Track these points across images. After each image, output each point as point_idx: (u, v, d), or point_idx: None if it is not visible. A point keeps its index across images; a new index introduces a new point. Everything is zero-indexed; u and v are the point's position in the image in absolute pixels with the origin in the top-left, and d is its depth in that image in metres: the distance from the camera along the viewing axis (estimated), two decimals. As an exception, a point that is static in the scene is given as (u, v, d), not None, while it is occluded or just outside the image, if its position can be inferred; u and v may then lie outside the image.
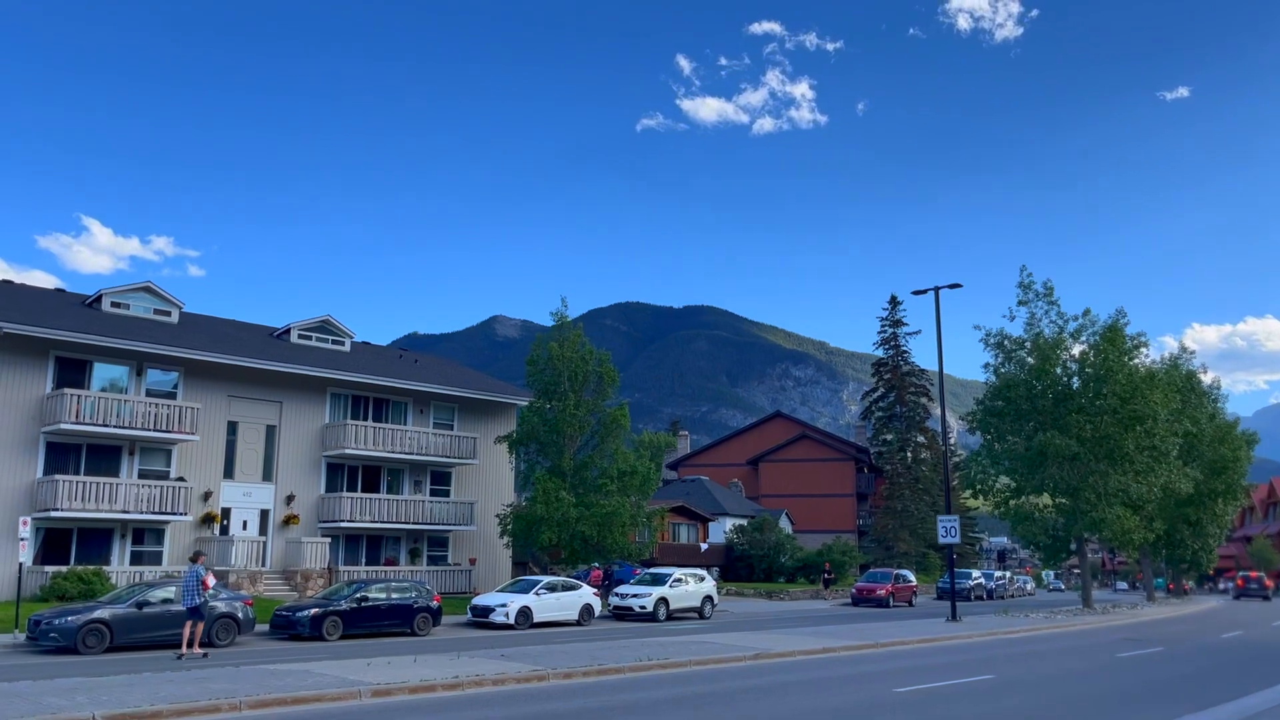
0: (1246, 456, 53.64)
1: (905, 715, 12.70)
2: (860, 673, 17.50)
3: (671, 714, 12.48)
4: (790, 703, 13.67)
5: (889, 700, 14.08)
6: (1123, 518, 36.87)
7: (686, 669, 17.56)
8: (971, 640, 25.11)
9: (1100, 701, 14.26)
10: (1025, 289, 39.39)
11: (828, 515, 73.04)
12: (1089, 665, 19.43)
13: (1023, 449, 38.14)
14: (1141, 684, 16.54)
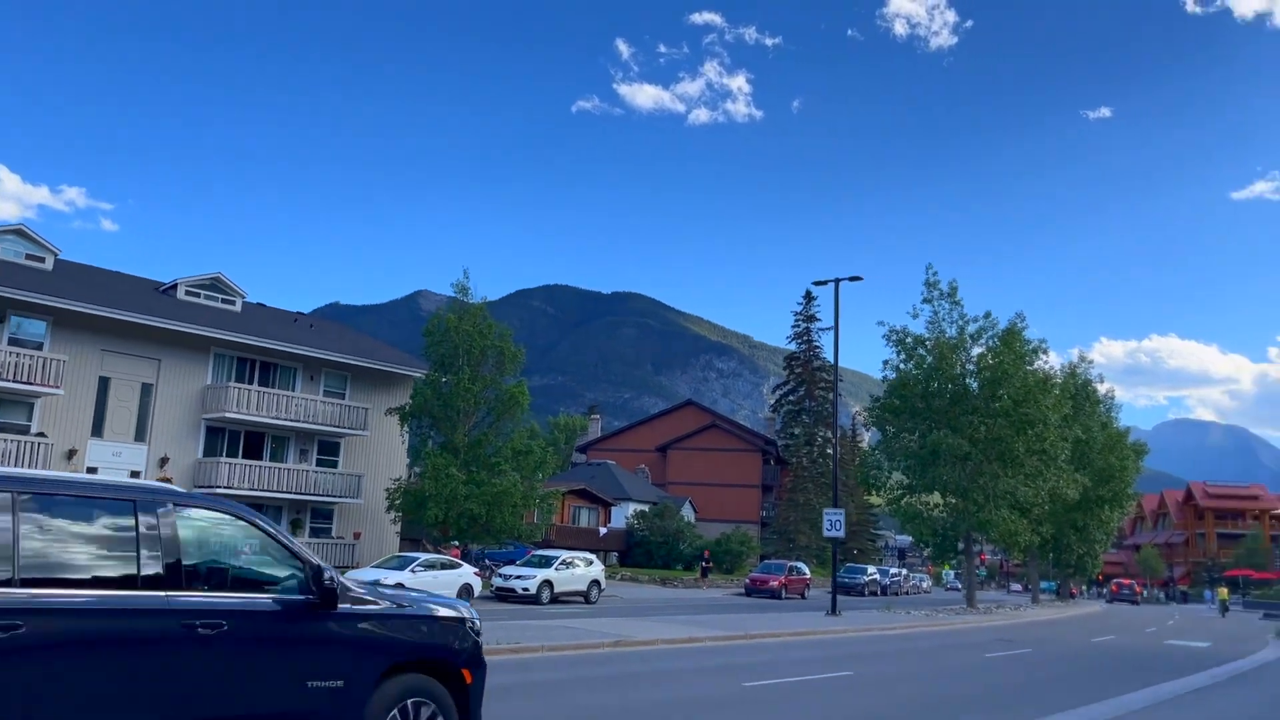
0: (1135, 466, 55.06)
1: (743, 711, 12.23)
2: (718, 664, 17.07)
3: (491, 704, 11.79)
4: (629, 694, 13.11)
5: (734, 695, 13.61)
6: (1009, 520, 37.35)
7: (537, 654, 16.90)
8: (845, 635, 24.97)
9: (948, 702, 14.00)
10: (930, 287, 39.62)
11: (732, 505, 73.15)
12: (952, 665, 19.31)
13: (916, 447, 38.39)
14: (997, 686, 16.39)
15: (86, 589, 5.11)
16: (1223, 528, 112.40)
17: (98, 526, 5.29)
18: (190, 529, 5.69)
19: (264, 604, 5.88)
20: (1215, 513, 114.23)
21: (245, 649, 5.67)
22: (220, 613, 5.54)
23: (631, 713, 11.59)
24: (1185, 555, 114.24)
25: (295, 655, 5.97)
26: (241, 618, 5.67)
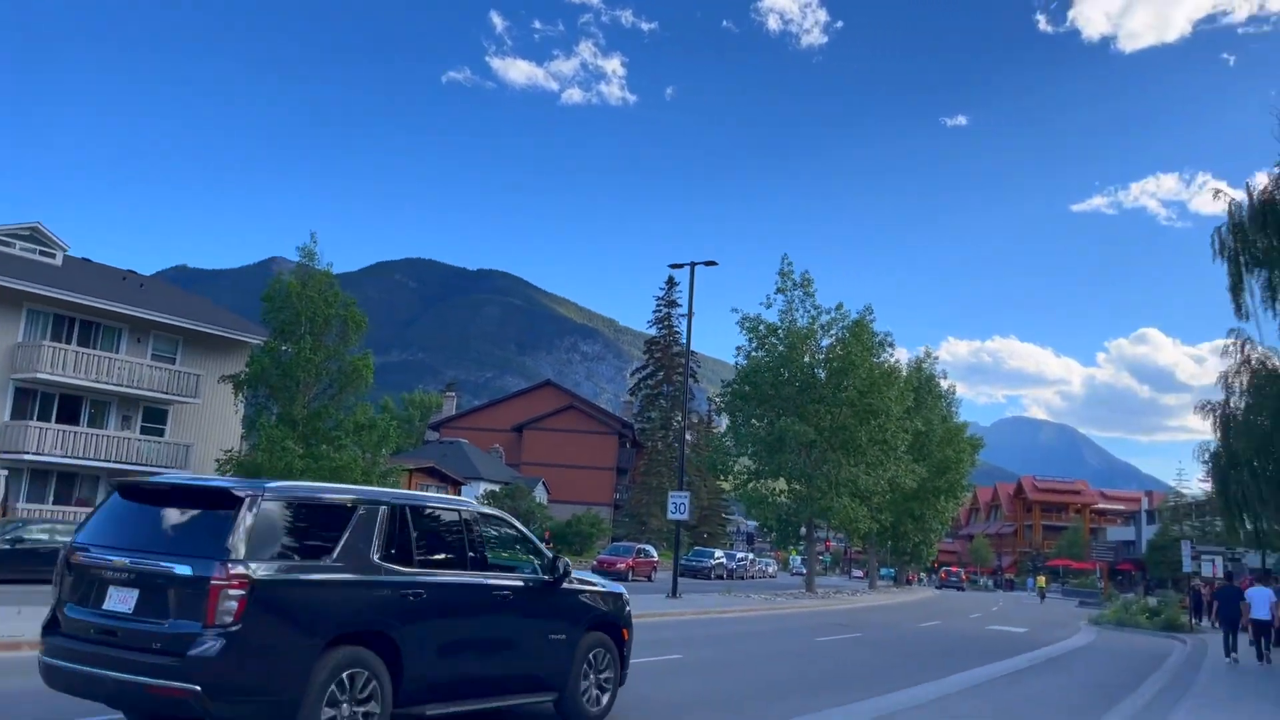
0: (970, 459, 57.48)
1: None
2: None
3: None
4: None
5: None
6: (850, 507, 38.29)
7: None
8: (682, 618, 24.95)
9: (774, 686, 13.94)
10: (784, 277, 40.13)
11: (586, 487, 72.98)
12: (782, 648, 19.42)
13: (765, 433, 38.89)
14: (824, 670, 16.51)
15: (445, 569, 8.14)
16: (1048, 520, 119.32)
17: (446, 531, 8.41)
18: (487, 531, 8.96)
19: (525, 581, 8.96)
20: (1042, 506, 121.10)
21: (519, 610, 8.76)
22: (504, 585, 8.66)
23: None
24: (1014, 545, 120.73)
25: (541, 615, 9.06)
26: (514, 589, 8.75)
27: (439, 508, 8.58)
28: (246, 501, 6.90)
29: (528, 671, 8.93)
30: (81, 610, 7.02)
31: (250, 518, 6.84)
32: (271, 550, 6.91)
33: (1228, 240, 25.31)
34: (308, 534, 7.26)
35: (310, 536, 7.26)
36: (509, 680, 8.74)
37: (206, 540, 6.75)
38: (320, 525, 7.36)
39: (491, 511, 9.32)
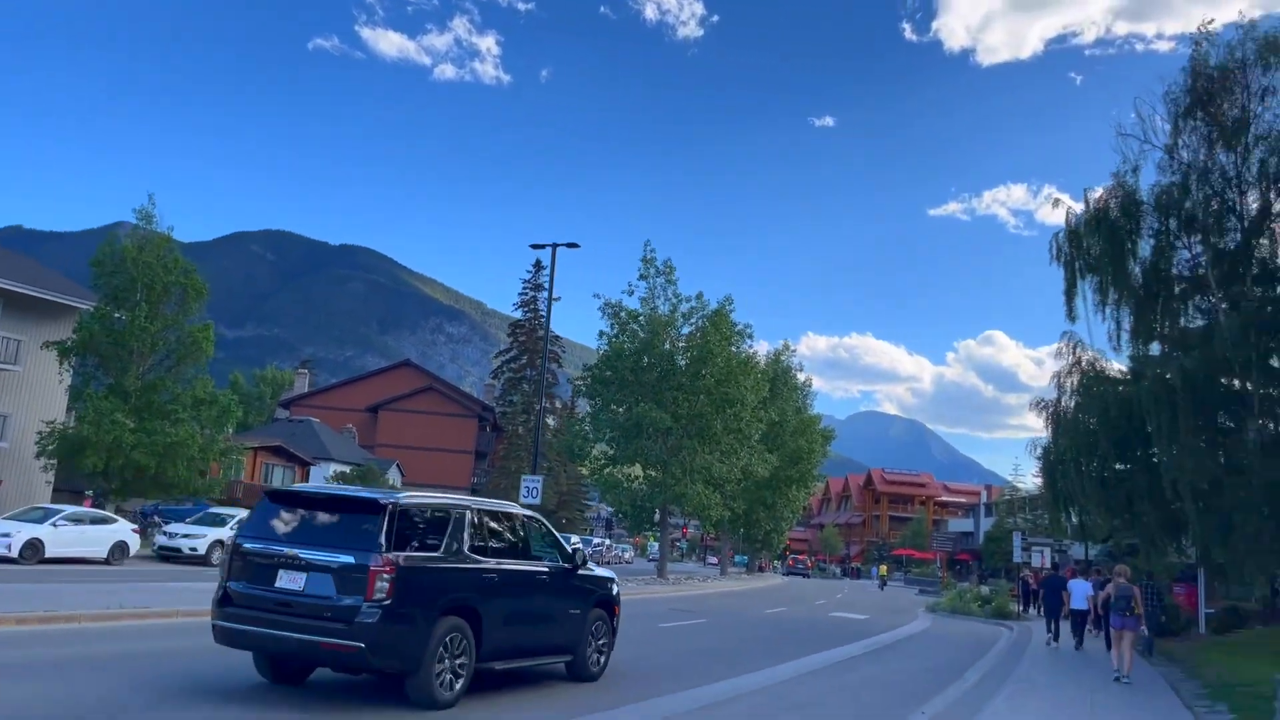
0: (822, 450, 58.97)
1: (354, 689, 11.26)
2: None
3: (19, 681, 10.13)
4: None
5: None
6: (703, 494, 38.66)
7: (172, 620, 15.11)
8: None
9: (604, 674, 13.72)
10: (647, 264, 40.15)
11: (443, 470, 71.57)
12: (623, 635, 19.22)
13: (623, 419, 38.86)
14: (660, 657, 16.41)
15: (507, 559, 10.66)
16: (895, 511, 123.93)
17: (505, 529, 10.95)
18: (530, 528, 11.48)
19: (553, 568, 11.46)
20: (890, 497, 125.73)
21: (551, 590, 11.33)
22: (542, 571, 11.22)
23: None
24: (862, 534, 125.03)
25: (565, 595, 11.60)
26: (548, 574, 11.30)
27: (502, 512, 11.30)
28: (389, 508, 9.40)
29: (555, 638, 11.62)
30: (253, 588, 9.35)
31: (391, 521, 9.32)
32: (405, 545, 9.39)
33: (1064, 246, 26.46)
34: (425, 533, 9.81)
35: (427, 535, 9.81)
36: (544, 645, 11.52)
37: (362, 537, 9.18)
38: (432, 526, 9.94)
39: (532, 514, 12.05)
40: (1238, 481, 22.49)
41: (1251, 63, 23.42)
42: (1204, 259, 24.60)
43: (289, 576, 9.23)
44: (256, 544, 9.58)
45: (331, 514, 9.70)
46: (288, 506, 9.90)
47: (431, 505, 10.14)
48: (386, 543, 9.13)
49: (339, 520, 9.58)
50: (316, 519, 9.71)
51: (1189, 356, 23.06)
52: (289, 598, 9.13)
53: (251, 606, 9.29)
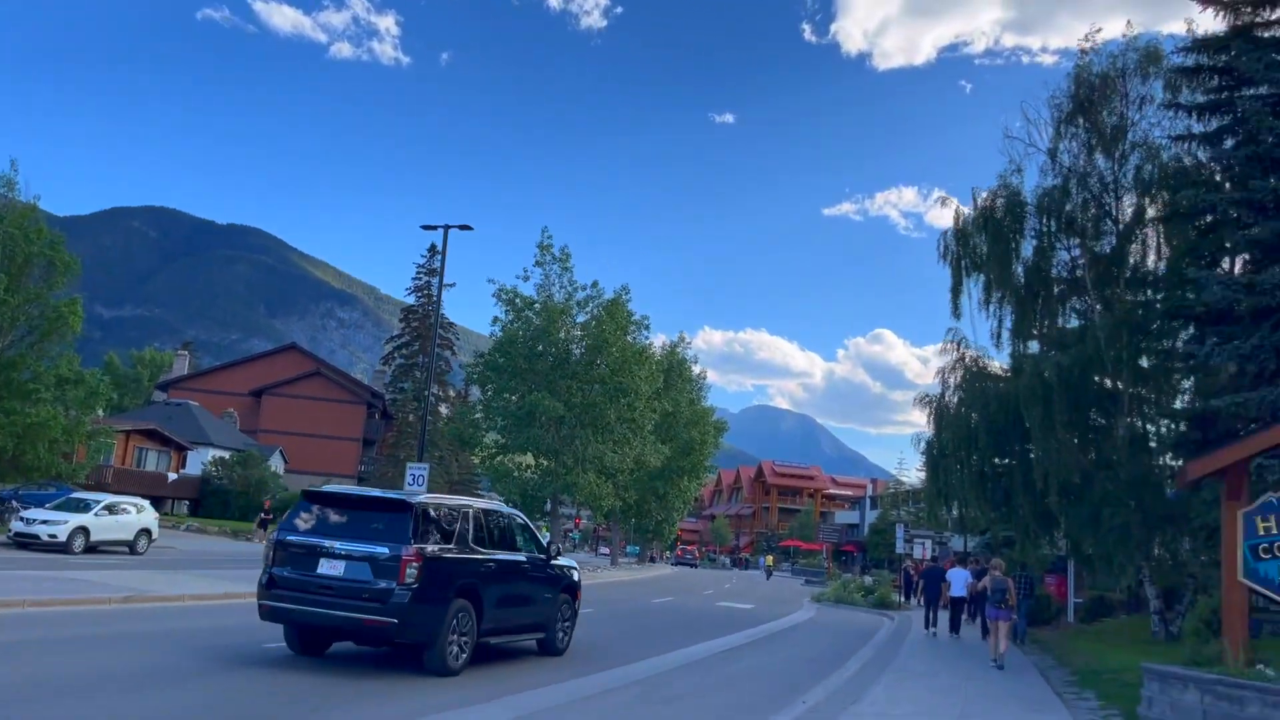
0: (714, 442, 59.45)
1: (212, 682, 10.66)
2: (245, 624, 15.22)
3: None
4: (92, 660, 11.02)
5: (244, 658, 11.97)
6: (595, 483, 38.42)
7: (20, 609, 14.10)
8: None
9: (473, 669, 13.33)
10: (544, 250, 39.61)
11: (329, 458, 69.65)
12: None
13: (514, 407, 38.31)
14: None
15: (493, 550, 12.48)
16: (785, 503, 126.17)
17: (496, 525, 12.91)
18: (515, 524, 13.59)
19: (531, 558, 13.54)
20: (780, 489, 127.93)
21: (531, 577, 13.36)
22: (524, 560, 13.28)
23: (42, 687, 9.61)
24: (752, 526, 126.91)
25: (540, 580, 13.61)
26: (529, 563, 13.37)
27: (494, 510, 13.50)
28: (415, 507, 11.33)
29: (534, 618, 13.65)
30: (296, 573, 11.13)
31: (417, 518, 11.23)
32: (427, 539, 11.28)
33: (952, 245, 27.01)
34: (441, 528, 11.70)
35: (442, 529, 11.70)
36: (526, 624, 13.54)
37: (393, 532, 11.04)
38: (445, 522, 11.83)
39: (516, 513, 14.45)
40: (1108, 476, 23.32)
41: (1131, 72, 24.28)
42: (1082, 261, 25.42)
43: (329, 564, 11.08)
44: (297, 537, 11.47)
45: (365, 511, 11.63)
46: (324, 505, 11.81)
47: (445, 505, 12.31)
48: (414, 537, 11.06)
49: (372, 517, 11.48)
50: (351, 516, 11.58)
51: (1065, 355, 23.79)
52: (330, 582, 10.99)
53: (295, 589, 11.10)
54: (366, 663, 12.09)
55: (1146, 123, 24.26)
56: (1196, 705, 10.47)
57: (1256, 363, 17.17)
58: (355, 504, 11.80)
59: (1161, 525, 22.70)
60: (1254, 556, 11.75)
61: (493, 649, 13.15)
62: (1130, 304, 24.52)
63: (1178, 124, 22.96)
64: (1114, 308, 24.19)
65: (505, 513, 13.84)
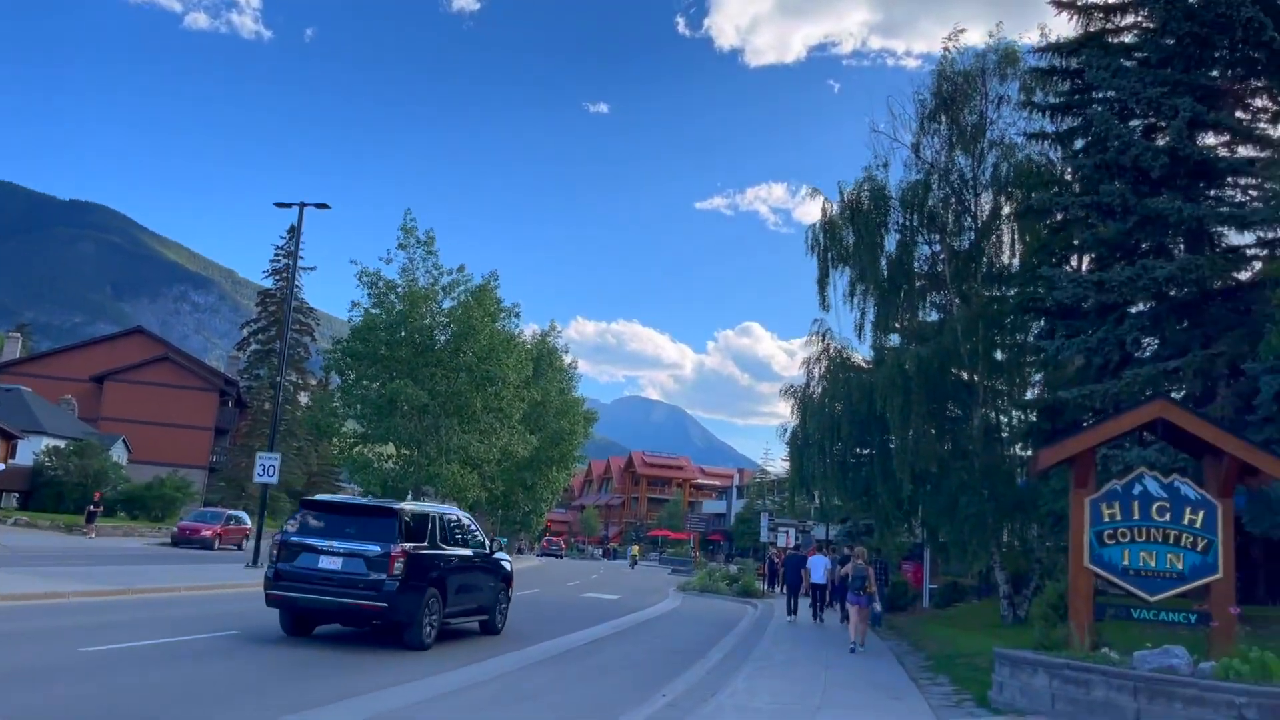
0: (584, 432, 59.01)
1: (54, 683, 9.65)
2: (68, 625, 13.99)
3: None
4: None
5: (63, 663, 10.90)
6: (459, 474, 37.43)
7: None
8: (257, 589, 22.64)
9: (293, 667, 12.55)
10: (407, 233, 38.24)
11: (178, 447, 66.17)
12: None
13: (375, 395, 36.95)
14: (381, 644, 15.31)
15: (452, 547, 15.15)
16: (654, 493, 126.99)
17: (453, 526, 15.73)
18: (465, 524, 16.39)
19: (478, 553, 16.20)
20: (649, 479, 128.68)
21: (479, 569, 16.07)
22: (473, 554, 15.99)
23: None
24: (621, 516, 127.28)
25: (487, 572, 16.37)
26: (476, 557, 16.04)
27: (452, 514, 16.10)
28: (399, 513, 13.88)
29: (481, 602, 16.20)
30: (299, 568, 13.43)
31: (400, 522, 13.71)
32: (409, 538, 13.71)
33: (819, 237, 27.27)
34: (418, 530, 14.14)
35: (418, 531, 14.16)
36: (476, 608, 16.08)
37: (382, 533, 13.47)
38: (419, 525, 14.29)
39: (464, 515, 16.96)
40: (963, 465, 23.97)
41: (991, 72, 24.94)
42: (942, 256, 26.04)
43: (328, 560, 13.43)
44: (299, 538, 13.78)
45: (357, 517, 14.03)
46: (321, 511, 14.39)
47: (418, 511, 14.80)
48: (399, 537, 13.53)
49: (364, 522, 13.86)
50: (345, 521, 13.94)
51: (924, 347, 24.32)
52: (330, 574, 13.35)
53: (299, 580, 13.43)
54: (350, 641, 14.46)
55: (1004, 122, 24.99)
56: (1045, 689, 10.62)
57: (1102, 355, 17.81)
58: (349, 511, 14.35)
59: (1012, 513, 23.48)
60: (1099, 542, 12.05)
61: (451, 629, 15.60)
62: (986, 299, 25.22)
63: (1033, 124, 23.76)
64: (971, 302, 24.84)
65: (457, 515, 16.40)
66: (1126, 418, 12.21)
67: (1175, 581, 11.77)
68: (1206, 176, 17.65)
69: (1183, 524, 11.82)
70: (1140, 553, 11.90)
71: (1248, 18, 15.54)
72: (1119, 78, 19.30)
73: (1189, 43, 17.01)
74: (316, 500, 15.32)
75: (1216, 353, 16.28)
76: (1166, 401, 12.00)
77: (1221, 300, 17.58)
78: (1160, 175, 16.76)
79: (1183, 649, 10.15)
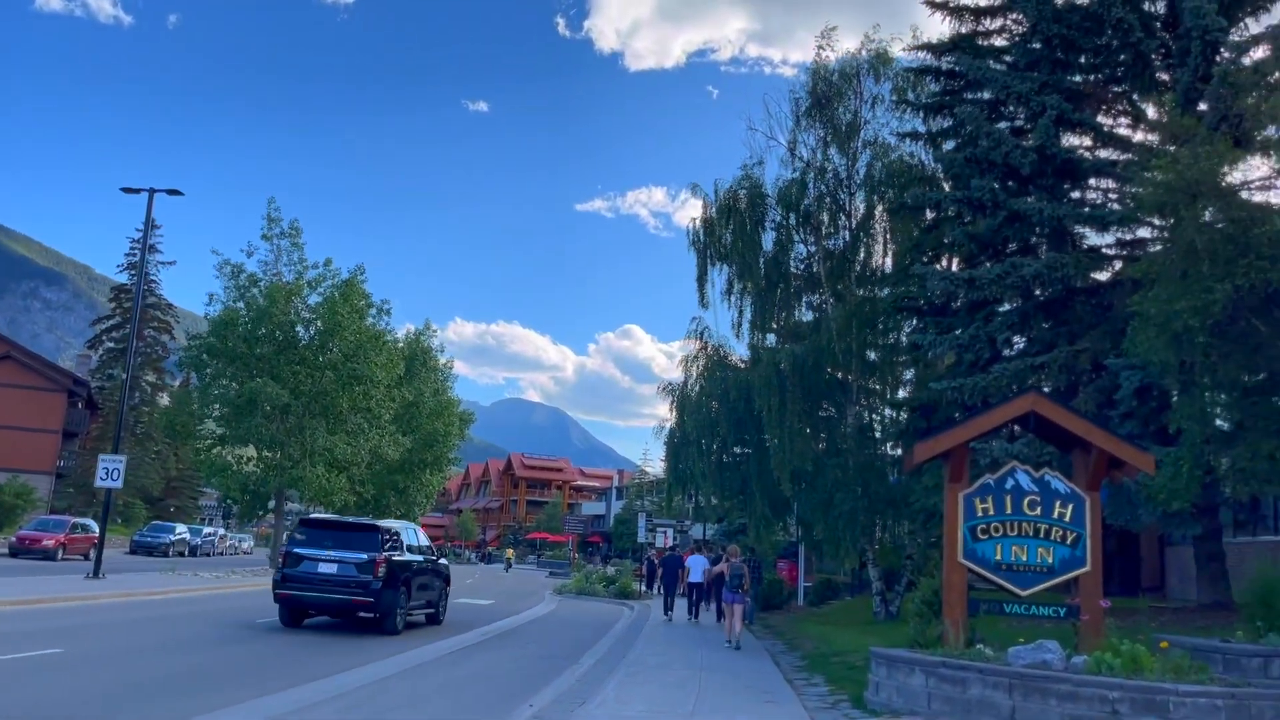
0: (459, 433, 57.33)
1: None
2: None
3: None
4: None
5: None
6: (324, 477, 35.78)
7: None
8: (95, 602, 20.96)
9: (170, 682, 11.43)
10: (271, 223, 36.39)
11: (21, 452, 61.69)
12: (201, 635, 16.68)
13: (234, 395, 34.99)
14: (225, 661, 14.18)
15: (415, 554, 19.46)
16: (533, 496, 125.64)
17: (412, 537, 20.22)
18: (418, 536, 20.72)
19: (427, 558, 20.27)
20: (528, 481, 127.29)
21: (429, 570, 20.19)
22: (423, 561, 19.73)
23: None
24: (500, 519, 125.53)
25: (435, 575, 20.73)
26: (426, 561, 19.99)
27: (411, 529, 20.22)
28: (381, 529, 18.04)
29: (430, 598, 19.97)
30: (302, 572, 17.16)
31: (382, 536, 17.75)
32: (389, 549, 17.68)
33: (699, 234, 27.10)
34: (394, 542, 18.22)
35: (395, 542, 18.22)
36: (428, 602, 19.85)
37: (368, 545, 17.33)
38: (395, 537, 18.42)
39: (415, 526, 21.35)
40: (837, 463, 24.05)
41: (865, 72, 25.14)
42: (818, 255, 26.13)
43: (324, 566, 16.93)
44: (301, 549, 17.29)
45: (347, 532, 17.76)
46: (317, 528, 18.10)
47: (391, 527, 18.73)
48: (381, 548, 17.28)
49: (352, 535, 17.61)
50: (338, 535, 17.63)
51: (800, 345, 24.33)
52: (328, 577, 16.89)
53: (302, 582, 17.03)
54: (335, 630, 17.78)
55: (878, 122, 25.25)
56: (922, 688, 10.39)
57: (973, 352, 17.98)
58: (340, 527, 18.19)
59: (885, 510, 23.66)
60: (973, 537, 11.94)
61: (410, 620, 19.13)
62: (860, 298, 25.43)
63: (906, 124, 24.00)
64: (846, 301, 24.98)
65: (414, 529, 20.78)
66: (998, 411, 12.14)
67: (1046, 575, 11.73)
68: (1073, 176, 18.01)
69: (1053, 518, 11.80)
70: (1012, 547, 11.83)
71: (1118, 18, 15.82)
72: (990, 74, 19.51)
73: (1057, 45, 17.30)
74: (314, 519, 19.47)
75: (1080, 349, 16.57)
76: (1038, 395, 11.99)
77: (1085, 299, 17.96)
78: (1029, 172, 17.00)
79: (1056, 644, 10.05)
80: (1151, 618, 15.08)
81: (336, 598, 16.95)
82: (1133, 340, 13.12)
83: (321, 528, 18.04)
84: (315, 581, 16.90)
